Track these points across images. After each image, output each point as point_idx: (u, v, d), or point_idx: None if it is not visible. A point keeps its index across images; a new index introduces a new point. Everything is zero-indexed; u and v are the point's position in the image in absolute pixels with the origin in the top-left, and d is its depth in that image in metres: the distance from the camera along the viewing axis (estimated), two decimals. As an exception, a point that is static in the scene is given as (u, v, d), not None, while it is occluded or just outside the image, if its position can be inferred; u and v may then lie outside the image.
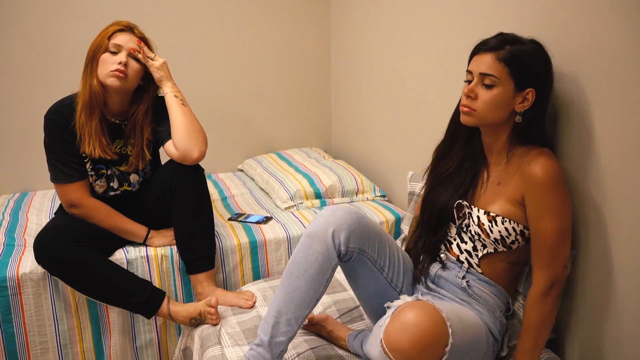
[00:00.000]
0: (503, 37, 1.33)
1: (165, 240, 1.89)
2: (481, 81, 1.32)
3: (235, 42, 2.81)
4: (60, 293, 1.77)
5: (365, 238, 1.39)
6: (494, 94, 1.31)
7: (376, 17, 2.46)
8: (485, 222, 1.36)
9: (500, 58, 1.29)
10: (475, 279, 1.39)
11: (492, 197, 1.39)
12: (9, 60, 2.45)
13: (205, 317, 1.67)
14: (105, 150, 1.78)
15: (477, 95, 1.33)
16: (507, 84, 1.30)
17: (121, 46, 1.74)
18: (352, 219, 1.37)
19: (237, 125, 2.91)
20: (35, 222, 2.11)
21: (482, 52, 1.33)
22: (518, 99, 1.32)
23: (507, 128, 1.37)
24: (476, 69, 1.33)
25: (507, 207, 1.35)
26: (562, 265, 1.31)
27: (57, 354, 1.79)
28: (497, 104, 1.31)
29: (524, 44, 1.32)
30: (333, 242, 1.34)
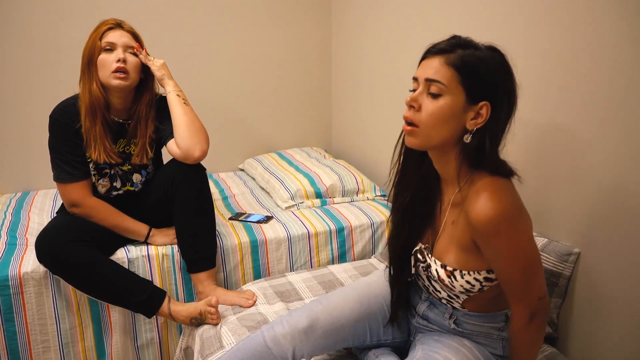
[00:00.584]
0: (455, 40, 1.13)
1: (166, 239, 1.90)
2: (427, 89, 1.11)
3: (236, 43, 2.81)
4: (62, 292, 1.77)
5: (332, 344, 1.31)
6: (441, 104, 1.09)
7: (376, 17, 2.46)
8: (445, 277, 1.20)
9: (450, 62, 1.09)
10: (462, 315, 1.27)
11: (447, 243, 1.21)
12: (11, 60, 2.45)
13: (206, 316, 1.67)
14: (109, 154, 1.80)
15: (420, 106, 1.12)
16: (456, 94, 1.09)
17: (115, 43, 1.75)
18: (318, 339, 1.28)
19: (238, 125, 2.91)
20: (37, 222, 2.11)
21: (430, 55, 1.13)
22: (470, 114, 1.10)
23: (455, 150, 1.15)
24: (422, 74, 1.13)
25: (462, 256, 1.17)
26: (536, 298, 1.14)
27: (58, 353, 1.80)
28: (443, 117, 1.10)
29: (480, 49, 1.12)
30: (294, 359, 1.27)
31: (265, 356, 1.27)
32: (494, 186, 1.09)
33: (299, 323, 1.30)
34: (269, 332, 1.30)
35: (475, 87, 1.09)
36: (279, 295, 1.76)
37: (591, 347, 1.42)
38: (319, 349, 1.30)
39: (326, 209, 2.27)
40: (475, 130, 1.11)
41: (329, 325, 1.30)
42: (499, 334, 1.27)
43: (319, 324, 1.30)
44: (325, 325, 1.30)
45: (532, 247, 1.12)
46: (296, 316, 1.32)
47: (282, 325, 1.30)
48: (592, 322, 1.41)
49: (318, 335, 1.29)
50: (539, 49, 1.51)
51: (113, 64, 1.73)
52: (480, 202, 1.07)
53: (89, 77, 1.75)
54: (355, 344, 1.37)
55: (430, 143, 1.14)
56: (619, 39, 1.27)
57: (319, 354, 1.33)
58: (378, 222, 2.16)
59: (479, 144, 1.10)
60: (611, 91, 1.31)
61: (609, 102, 1.32)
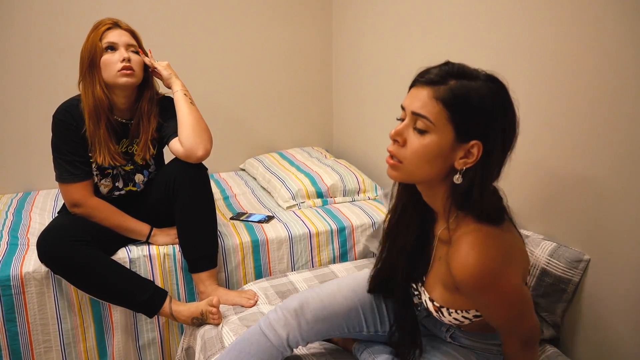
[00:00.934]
0: (448, 67, 1.02)
1: (168, 238, 1.90)
2: (413, 123, 1.02)
3: (237, 43, 2.81)
4: (64, 292, 1.77)
5: (325, 330, 1.31)
6: (426, 143, 1.00)
7: (377, 17, 2.46)
8: (433, 311, 1.17)
9: (439, 97, 0.99)
10: (459, 332, 1.25)
11: (434, 278, 1.16)
12: (12, 60, 2.45)
13: (207, 316, 1.67)
14: (114, 156, 1.80)
15: (404, 142, 1.03)
16: (444, 132, 0.99)
17: (116, 42, 1.74)
18: (309, 323, 1.28)
19: (239, 125, 2.91)
20: (39, 222, 2.12)
21: (418, 84, 1.03)
22: (459, 153, 1.01)
23: (444, 187, 1.07)
24: (409, 105, 1.03)
25: (447, 295, 1.11)
26: (527, 329, 1.10)
27: (60, 353, 1.80)
28: (428, 156, 1.01)
29: (475, 80, 1.00)
30: (289, 347, 1.29)
31: (262, 343, 1.28)
32: (478, 237, 1.00)
33: (289, 306, 1.31)
34: (264, 320, 1.33)
35: (466, 124, 0.99)
36: (280, 295, 1.76)
37: (595, 352, 1.42)
38: (312, 334, 1.30)
39: (327, 208, 2.27)
40: (465, 169, 1.01)
41: (319, 310, 1.30)
42: (499, 349, 1.24)
43: (309, 307, 1.29)
44: (315, 309, 1.30)
45: (521, 294, 1.05)
46: (287, 301, 1.33)
47: (276, 312, 1.32)
48: (597, 327, 1.41)
49: (309, 318, 1.29)
50: (544, 45, 1.51)
51: (118, 63, 1.73)
52: (462, 255, 0.99)
53: (92, 79, 1.74)
54: (353, 334, 1.37)
55: (413, 179, 1.07)
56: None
57: (314, 340, 1.33)
58: (379, 221, 2.15)
59: (469, 184, 1.01)
60: (617, 88, 1.30)
61: (615, 97, 1.31)
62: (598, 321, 1.40)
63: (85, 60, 1.75)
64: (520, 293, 1.05)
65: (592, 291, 1.41)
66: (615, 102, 1.30)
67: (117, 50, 1.74)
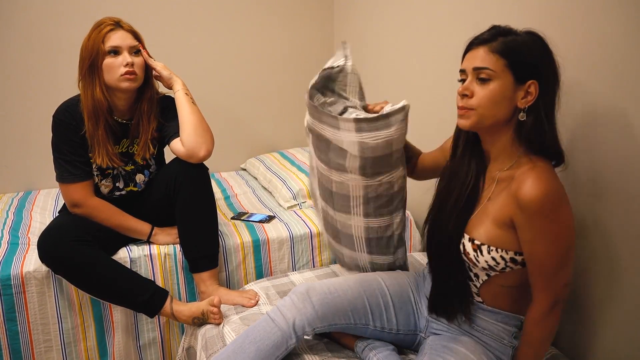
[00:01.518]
0: (495, 29, 1.22)
1: (169, 238, 1.89)
2: (476, 77, 1.20)
3: (238, 42, 2.81)
4: (64, 292, 1.77)
5: (331, 315, 1.36)
6: (491, 88, 1.18)
7: (379, 16, 2.45)
8: (471, 251, 1.24)
9: (494, 50, 1.18)
10: (477, 309, 1.30)
11: (480, 218, 1.26)
12: (13, 59, 2.45)
13: (208, 316, 1.67)
14: (112, 158, 1.79)
15: (472, 93, 1.20)
16: (504, 77, 1.18)
17: (120, 46, 1.73)
18: (315, 306, 1.35)
19: (239, 125, 2.91)
20: (39, 221, 2.11)
21: (474, 47, 1.22)
22: (520, 94, 1.19)
23: (509, 130, 1.23)
24: (469, 65, 1.21)
25: (493, 231, 1.22)
26: (562, 284, 1.18)
27: (60, 353, 1.80)
28: (496, 99, 1.18)
29: (519, 35, 1.21)
30: (295, 332, 1.34)
31: (269, 328, 1.34)
32: (544, 171, 1.16)
33: (297, 290, 1.39)
34: (273, 308, 1.40)
35: (520, 68, 1.17)
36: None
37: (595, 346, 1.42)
38: (318, 318, 1.35)
39: (328, 208, 2.27)
40: (528, 108, 1.19)
41: (325, 293, 1.37)
42: (510, 340, 1.28)
43: (315, 291, 1.38)
44: (322, 293, 1.37)
45: (571, 234, 1.17)
46: (296, 287, 1.42)
47: (284, 299, 1.40)
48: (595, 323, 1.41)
49: (315, 302, 1.35)
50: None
51: (121, 68, 1.72)
52: (530, 182, 1.14)
53: (92, 81, 1.73)
54: (359, 326, 1.40)
55: (484, 123, 1.22)
56: None
57: (320, 326, 1.36)
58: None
59: (534, 121, 1.19)
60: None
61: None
62: (596, 316, 1.40)
63: (85, 61, 1.73)
64: (571, 233, 1.17)
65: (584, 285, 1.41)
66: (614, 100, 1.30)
67: (120, 53, 1.73)
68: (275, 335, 1.33)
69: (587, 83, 1.35)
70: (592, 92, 1.34)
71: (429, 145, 1.66)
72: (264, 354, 1.32)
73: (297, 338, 1.34)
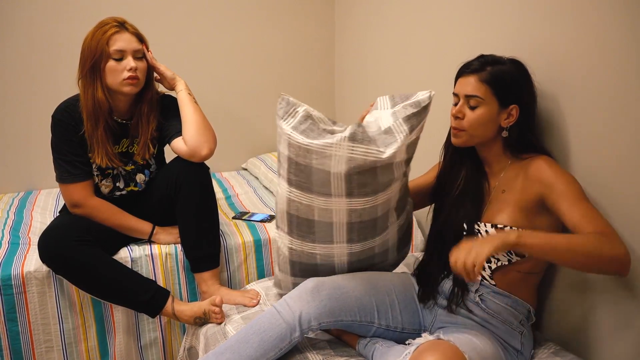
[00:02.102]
0: (484, 59, 1.40)
1: (171, 237, 1.89)
2: (467, 102, 1.39)
3: (239, 41, 2.81)
4: (65, 292, 1.76)
5: (338, 311, 1.38)
6: (479, 113, 1.38)
7: (380, 16, 2.45)
8: (494, 234, 1.33)
9: (483, 79, 1.36)
10: (489, 292, 1.39)
11: (498, 207, 1.40)
12: (14, 59, 2.45)
13: (210, 316, 1.66)
14: (111, 158, 1.79)
15: (464, 115, 1.39)
16: (491, 103, 1.37)
17: (125, 50, 1.72)
18: (323, 300, 1.37)
19: (241, 124, 2.91)
20: (40, 221, 2.11)
21: (465, 74, 1.40)
22: (503, 116, 1.38)
23: (497, 142, 1.43)
24: (461, 91, 1.40)
25: (515, 214, 1.36)
26: (605, 224, 1.22)
27: (61, 353, 1.79)
28: (483, 122, 1.38)
29: (504, 64, 1.39)
30: (300, 326, 1.35)
31: (274, 320, 1.35)
32: (548, 157, 1.38)
33: (306, 284, 1.41)
34: (279, 300, 1.42)
35: (505, 95, 1.37)
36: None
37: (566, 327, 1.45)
38: (325, 313, 1.36)
39: (330, 208, 2.26)
40: (510, 126, 1.39)
41: (334, 289, 1.40)
42: (519, 326, 1.37)
43: (324, 286, 1.40)
44: (331, 287, 1.40)
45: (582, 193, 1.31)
46: (304, 282, 1.43)
47: (291, 292, 1.42)
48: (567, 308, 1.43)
49: (324, 296, 1.37)
50: (543, 45, 1.50)
51: (125, 72, 1.71)
52: (543, 159, 1.35)
53: (92, 82, 1.72)
54: (364, 323, 1.41)
55: (474, 141, 1.43)
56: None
57: (326, 321, 1.37)
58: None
59: (517, 136, 1.39)
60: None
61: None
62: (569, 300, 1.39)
63: (87, 61, 1.72)
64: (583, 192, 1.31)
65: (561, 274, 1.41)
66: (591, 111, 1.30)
67: (124, 57, 1.72)
68: (280, 327, 1.34)
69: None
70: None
71: (430, 143, 1.65)
72: (267, 345, 1.32)
73: (302, 332, 1.34)
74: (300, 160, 1.37)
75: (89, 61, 1.71)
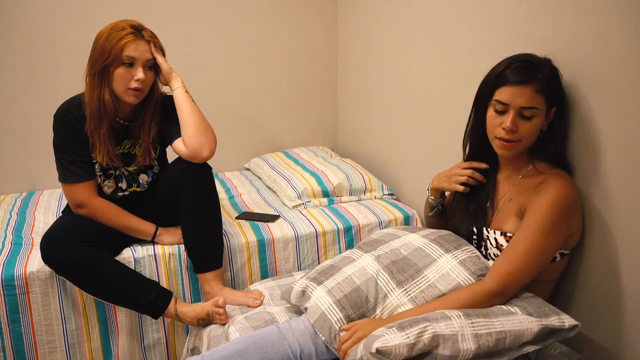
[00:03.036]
0: (529, 64, 1.33)
1: (174, 238, 1.88)
2: (519, 113, 1.32)
3: (242, 41, 2.80)
4: (68, 292, 1.76)
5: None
6: (535, 123, 1.33)
7: (383, 16, 2.44)
8: (503, 242, 1.36)
9: (538, 90, 1.31)
10: None
11: (506, 215, 1.40)
12: (16, 60, 2.45)
13: (214, 317, 1.66)
14: (112, 158, 1.78)
15: (517, 127, 1.33)
16: (542, 110, 1.33)
17: (137, 59, 1.70)
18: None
19: (244, 124, 2.91)
20: (43, 221, 2.11)
21: (513, 84, 1.32)
22: (545, 119, 1.36)
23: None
24: (513, 102, 1.32)
25: (517, 224, 1.36)
26: (513, 283, 1.27)
27: (64, 354, 1.79)
28: (537, 131, 1.35)
29: (544, 66, 1.34)
30: (301, 357, 1.35)
31: (278, 344, 1.35)
32: (567, 177, 1.35)
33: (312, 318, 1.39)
34: (284, 323, 1.42)
35: (552, 100, 1.34)
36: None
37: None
38: (327, 355, 1.36)
39: (334, 207, 2.26)
40: (547, 127, 1.37)
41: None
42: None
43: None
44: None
45: (554, 246, 1.30)
46: (309, 313, 1.41)
47: (298, 321, 1.39)
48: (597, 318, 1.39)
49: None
50: (544, 46, 1.49)
51: (132, 82, 1.70)
52: (558, 181, 1.31)
53: (100, 84, 1.71)
54: None
55: (523, 150, 1.39)
56: None
57: (328, 357, 1.36)
58: (386, 220, 2.14)
59: (548, 137, 1.37)
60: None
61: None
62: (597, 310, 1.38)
63: (98, 62, 1.69)
64: (559, 242, 1.31)
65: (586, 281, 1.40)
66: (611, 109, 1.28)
67: (134, 66, 1.71)
68: (283, 354, 1.33)
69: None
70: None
71: (434, 142, 1.64)
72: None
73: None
74: None
75: (100, 62, 1.69)
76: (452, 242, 1.43)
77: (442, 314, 1.20)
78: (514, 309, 1.24)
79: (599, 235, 1.38)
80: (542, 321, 1.19)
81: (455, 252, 1.39)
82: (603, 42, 1.32)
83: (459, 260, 1.37)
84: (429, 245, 1.44)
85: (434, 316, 1.20)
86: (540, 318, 1.20)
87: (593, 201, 1.39)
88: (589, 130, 1.37)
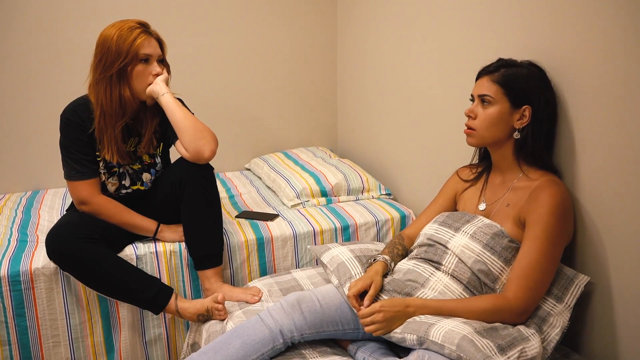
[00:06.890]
0: (500, 62, 1.45)
1: (175, 235, 1.92)
2: (481, 102, 1.44)
3: (242, 42, 2.81)
4: (72, 288, 1.80)
5: (319, 323, 1.43)
6: (490, 111, 1.42)
7: (382, 17, 2.46)
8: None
9: (494, 80, 1.42)
10: None
11: (502, 219, 1.45)
12: (19, 60, 2.46)
13: (213, 313, 1.69)
14: (122, 155, 1.82)
15: (476, 115, 1.45)
16: (502, 103, 1.41)
17: (152, 55, 1.78)
18: (304, 313, 1.42)
19: (244, 125, 2.92)
20: (47, 219, 2.14)
21: (481, 76, 1.47)
22: (515, 116, 1.42)
23: (509, 146, 1.46)
24: (475, 91, 1.46)
25: (515, 229, 1.41)
26: (526, 300, 1.30)
27: (68, 348, 1.82)
28: (494, 120, 1.42)
29: (519, 67, 1.42)
30: (282, 336, 1.40)
31: (257, 326, 1.41)
32: (560, 183, 1.39)
33: (288, 299, 1.47)
34: (263, 310, 1.48)
35: (516, 95, 1.40)
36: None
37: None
38: (306, 325, 1.41)
39: (332, 207, 2.29)
40: (522, 128, 1.42)
41: (314, 302, 1.45)
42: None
43: (305, 301, 1.45)
44: (311, 302, 1.45)
45: (558, 248, 1.34)
46: (287, 296, 1.49)
47: (274, 304, 1.48)
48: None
49: (305, 310, 1.43)
50: (544, 46, 1.52)
51: (150, 77, 1.77)
52: (553, 188, 1.34)
53: (119, 83, 1.75)
54: (348, 332, 1.45)
55: (485, 141, 1.47)
56: None
57: (309, 333, 1.42)
58: (383, 220, 2.17)
59: (529, 139, 1.41)
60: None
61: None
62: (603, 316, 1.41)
63: (115, 63, 1.72)
64: (563, 243, 1.37)
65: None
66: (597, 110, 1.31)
67: (150, 62, 1.77)
68: (263, 333, 1.39)
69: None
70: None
71: (431, 142, 1.67)
72: (248, 347, 1.36)
73: (284, 342, 1.40)
74: None
75: (118, 63, 1.73)
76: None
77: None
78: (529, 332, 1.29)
79: (589, 235, 1.41)
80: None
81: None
82: (585, 46, 1.35)
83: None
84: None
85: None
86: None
87: (580, 201, 1.42)
88: (572, 133, 1.41)
